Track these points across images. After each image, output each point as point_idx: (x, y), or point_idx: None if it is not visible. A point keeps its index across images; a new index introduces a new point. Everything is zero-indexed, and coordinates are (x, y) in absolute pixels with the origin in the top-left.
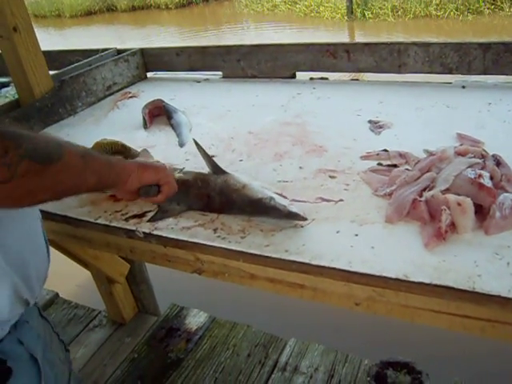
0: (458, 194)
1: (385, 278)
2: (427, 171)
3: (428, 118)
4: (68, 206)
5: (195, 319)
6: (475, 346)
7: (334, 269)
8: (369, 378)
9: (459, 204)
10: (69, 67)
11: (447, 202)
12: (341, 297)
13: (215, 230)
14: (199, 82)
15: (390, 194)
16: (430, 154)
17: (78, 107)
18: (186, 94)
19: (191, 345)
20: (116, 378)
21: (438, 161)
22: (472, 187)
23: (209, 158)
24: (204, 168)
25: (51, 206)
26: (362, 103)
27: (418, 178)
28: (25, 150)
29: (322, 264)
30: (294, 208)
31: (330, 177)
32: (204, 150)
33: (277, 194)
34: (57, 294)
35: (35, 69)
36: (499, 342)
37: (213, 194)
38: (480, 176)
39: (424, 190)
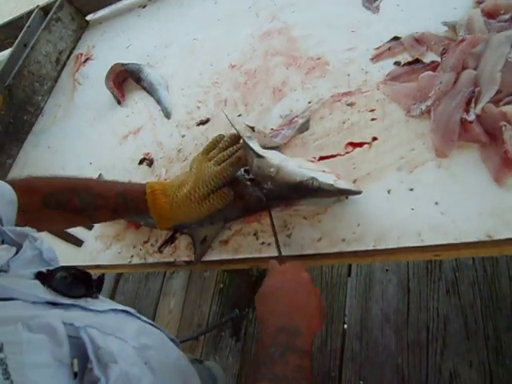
0: None
1: (465, 243)
2: (462, 68)
3: None
4: (95, 251)
5: None
6: None
7: (404, 248)
8: None
9: None
10: (5, 60)
11: (505, 115)
12: (418, 255)
13: (256, 235)
14: (145, 6)
15: (428, 111)
16: (452, 29)
17: (40, 102)
18: (139, 33)
19: None
20: (214, 313)
21: (470, 47)
22: None
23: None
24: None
25: (78, 258)
26: None
27: (455, 81)
28: None
29: (390, 247)
30: (343, 183)
31: (348, 105)
32: (236, 129)
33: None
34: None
35: None
36: None
37: (246, 191)
38: None
39: (469, 101)
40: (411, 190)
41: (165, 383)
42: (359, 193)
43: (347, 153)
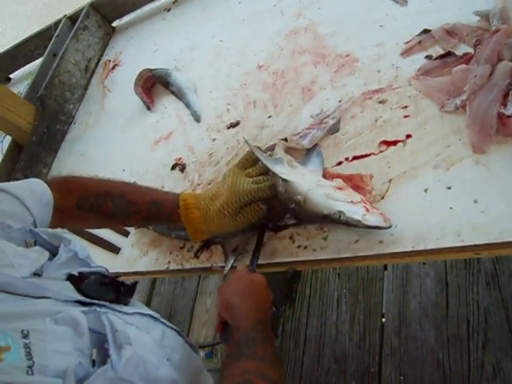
0: None
1: (507, 242)
2: (498, 60)
3: None
4: (132, 258)
5: None
6: None
7: (444, 249)
8: None
9: None
10: (36, 71)
11: None
12: (457, 255)
13: (292, 238)
14: (169, 9)
15: (463, 106)
16: (485, 18)
17: (71, 111)
18: (165, 37)
19: None
20: None
21: (505, 37)
22: None
23: (266, 160)
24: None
25: (115, 265)
26: None
27: (490, 74)
28: None
29: (429, 247)
30: (371, 218)
31: (380, 102)
32: (260, 152)
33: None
34: None
35: (8, 106)
36: None
37: (274, 202)
38: None
39: (506, 94)
40: (449, 188)
41: None
42: (389, 227)
43: (381, 152)
